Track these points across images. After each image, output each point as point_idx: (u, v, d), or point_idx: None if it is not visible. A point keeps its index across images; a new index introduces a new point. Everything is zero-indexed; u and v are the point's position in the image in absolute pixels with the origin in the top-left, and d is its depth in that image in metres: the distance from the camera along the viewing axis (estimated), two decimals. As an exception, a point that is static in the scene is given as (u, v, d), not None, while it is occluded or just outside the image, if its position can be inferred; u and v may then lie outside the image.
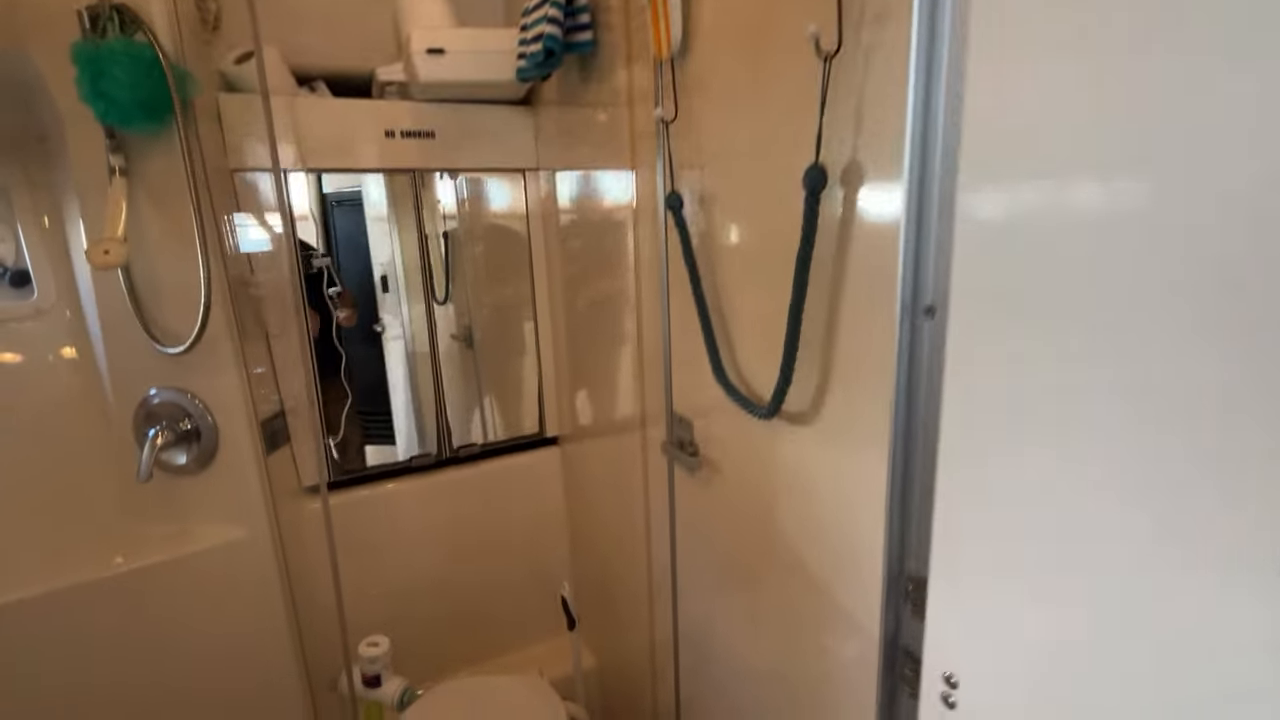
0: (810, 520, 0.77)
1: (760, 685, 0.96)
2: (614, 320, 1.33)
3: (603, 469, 1.54)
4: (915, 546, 0.52)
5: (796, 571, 0.81)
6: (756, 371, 0.85)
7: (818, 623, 0.79)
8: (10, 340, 1.31)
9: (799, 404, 0.76)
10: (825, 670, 0.77)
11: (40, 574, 1.22)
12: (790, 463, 0.80)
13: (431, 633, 1.67)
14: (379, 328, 1.69)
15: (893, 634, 0.54)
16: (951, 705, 0.44)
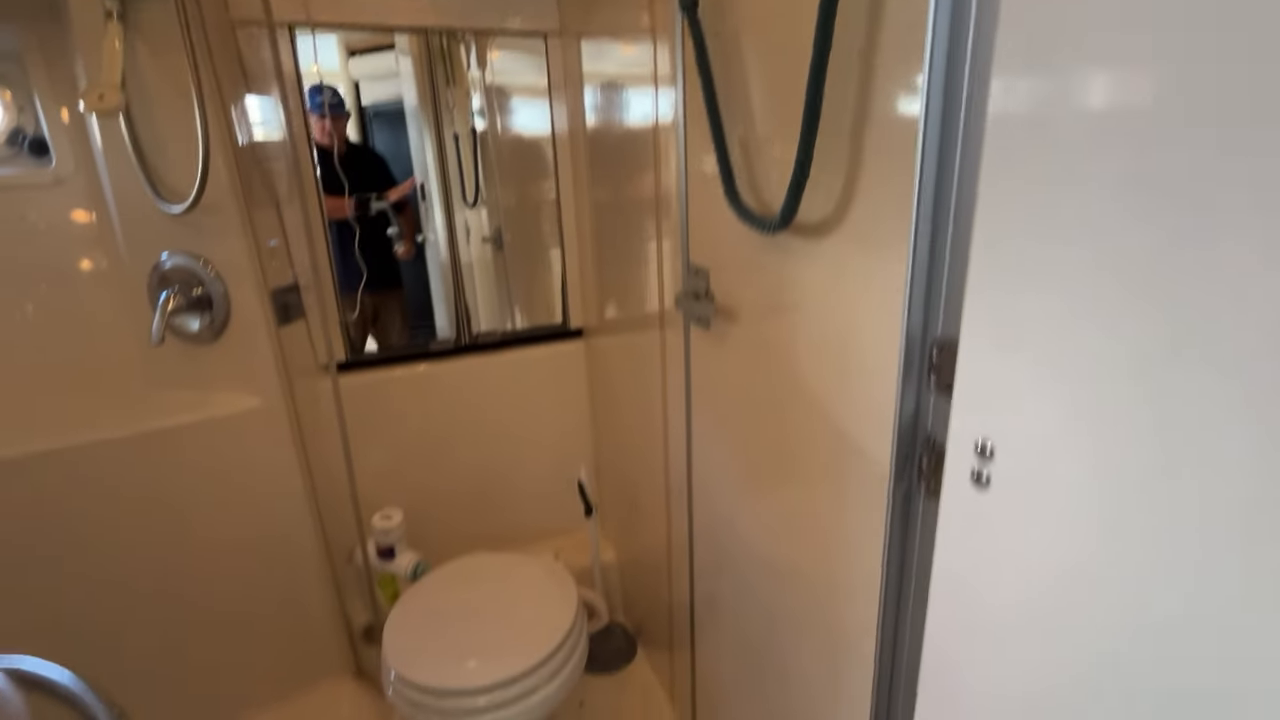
0: (823, 342, 0.68)
1: (773, 544, 0.89)
2: (636, 192, 1.23)
3: (623, 355, 1.47)
4: (944, 308, 0.42)
5: (806, 408, 0.72)
6: (775, 194, 0.75)
7: (827, 455, 0.70)
8: (32, 208, 1.31)
9: (814, 213, 0.66)
10: (835, 492, 0.69)
11: (68, 430, 1.25)
12: (804, 285, 0.70)
13: (449, 517, 1.67)
14: (421, 238, 1.65)
15: (910, 422, 0.45)
16: (984, 482, 0.35)
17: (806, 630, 0.83)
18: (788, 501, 0.83)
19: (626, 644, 1.62)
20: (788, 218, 0.65)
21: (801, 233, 0.69)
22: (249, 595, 1.40)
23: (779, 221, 0.66)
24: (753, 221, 0.72)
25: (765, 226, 0.69)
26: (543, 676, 1.10)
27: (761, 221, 0.71)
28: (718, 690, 1.20)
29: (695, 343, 1.04)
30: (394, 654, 1.12)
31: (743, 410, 0.91)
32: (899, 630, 0.56)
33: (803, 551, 0.81)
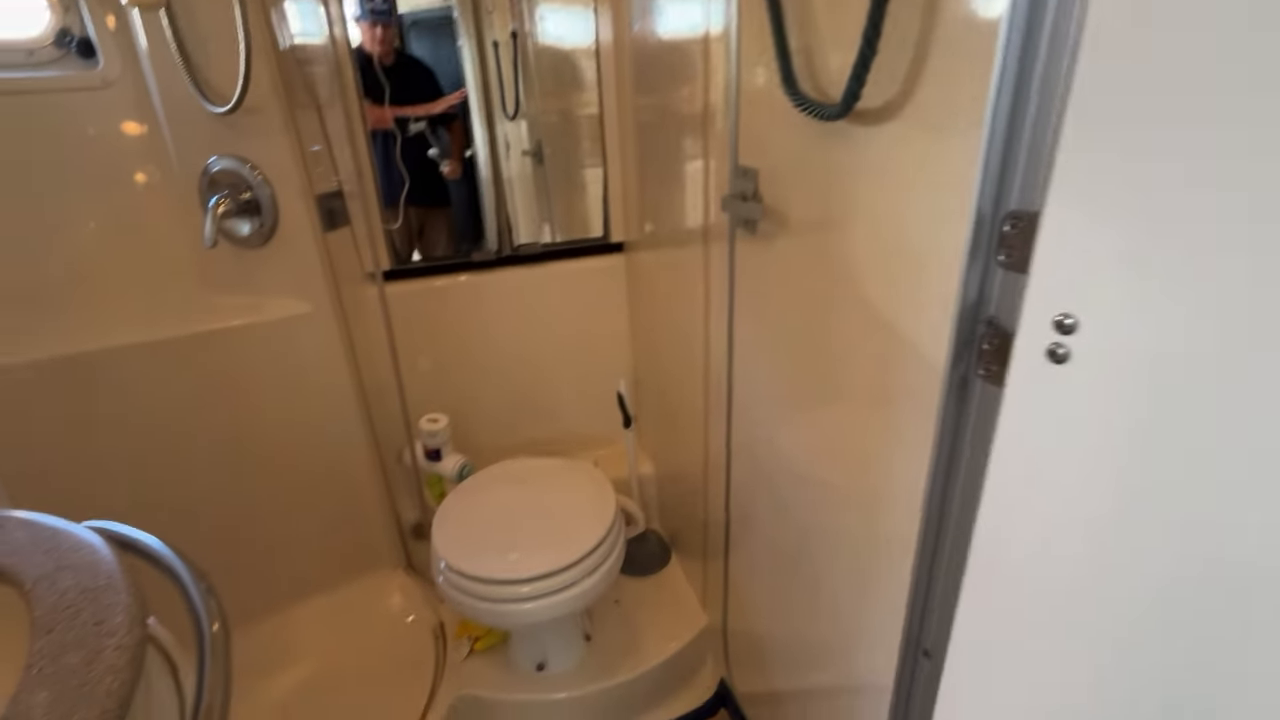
0: (877, 234, 0.65)
1: (812, 457, 0.89)
2: (682, 100, 1.18)
3: (665, 268, 1.45)
4: (1021, 179, 0.39)
5: (856, 307, 0.70)
6: (834, 82, 0.70)
7: (876, 354, 0.69)
8: (84, 111, 1.32)
9: (876, 97, 0.61)
10: (882, 394, 0.68)
11: (131, 329, 1.30)
12: (860, 176, 0.66)
13: (492, 423, 1.72)
14: (469, 152, 1.63)
15: (972, 305, 0.43)
16: (1060, 358, 0.33)
17: (840, 543, 0.84)
18: (830, 411, 0.82)
19: (661, 550, 1.68)
20: (851, 100, 0.61)
21: (861, 119, 0.65)
22: (307, 488, 1.48)
23: (841, 105, 0.62)
24: (810, 108, 0.68)
25: (825, 113, 0.65)
26: (582, 571, 1.15)
27: (820, 107, 0.67)
28: (749, 598, 1.24)
29: (740, 250, 1.01)
30: (443, 545, 1.18)
31: (787, 317, 0.89)
32: (941, 534, 0.56)
33: (842, 463, 0.81)
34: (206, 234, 1.24)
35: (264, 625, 1.49)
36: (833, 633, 0.91)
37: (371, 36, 1.45)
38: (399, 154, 1.53)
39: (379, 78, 1.45)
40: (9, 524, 0.60)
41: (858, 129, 0.66)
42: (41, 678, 0.44)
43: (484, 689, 1.32)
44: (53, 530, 0.59)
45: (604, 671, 1.36)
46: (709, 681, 1.47)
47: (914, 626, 0.59)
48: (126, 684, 0.44)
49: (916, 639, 0.58)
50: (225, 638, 0.68)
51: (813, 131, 0.74)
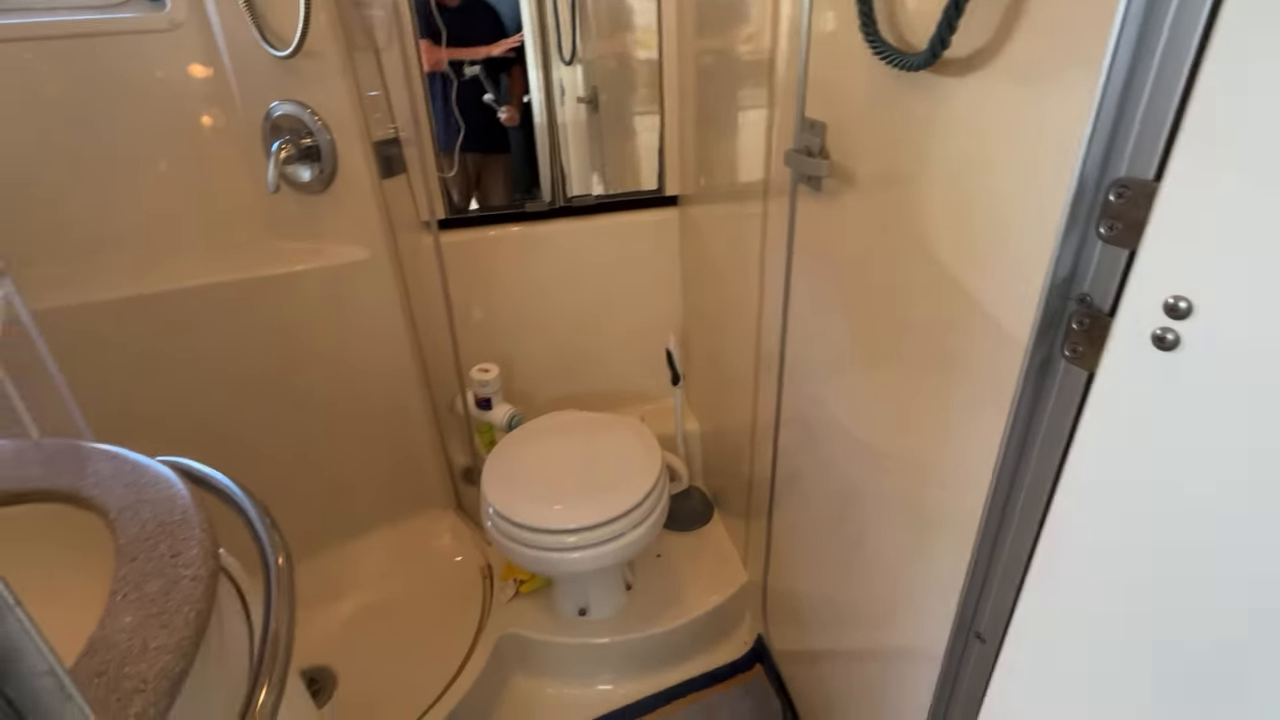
0: (959, 197, 0.61)
1: (867, 422, 0.87)
2: (747, 45, 1.12)
3: (720, 223, 1.41)
4: (1134, 143, 0.35)
5: (930, 273, 0.67)
6: (917, 28, 0.65)
7: (948, 323, 0.65)
8: (153, 55, 1.34)
9: (965, 44, 0.56)
10: (952, 364, 0.65)
11: (200, 270, 1.35)
12: (942, 132, 0.62)
13: (540, 375, 1.74)
14: (527, 98, 1.59)
15: (1063, 280, 0.40)
16: (1169, 345, 0.30)
17: (892, 509, 0.82)
18: (891, 376, 0.79)
19: (704, 507, 1.69)
20: (938, 48, 0.56)
21: (946, 69, 0.60)
22: (364, 430, 1.54)
23: (926, 54, 0.57)
24: (891, 56, 0.63)
25: (907, 62, 0.60)
26: (627, 524, 1.17)
27: (902, 56, 0.62)
28: (791, 558, 1.24)
29: (801, 207, 0.97)
30: (493, 492, 1.21)
31: (850, 280, 0.86)
32: (1006, 517, 0.53)
33: (900, 430, 0.79)
34: (270, 179, 1.26)
35: (323, 558, 1.58)
36: (877, 598, 0.90)
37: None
38: (455, 99, 1.51)
39: (436, 18, 1.42)
40: (96, 456, 0.63)
41: (942, 80, 0.61)
42: (126, 603, 0.47)
43: (528, 629, 1.38)
44: (133, 464, 0.62)
45: (644, 620, 1.40)
46: (746, 636, 1.49)
47: (968, 608, 0.57)
48: (202, 614, 0.47)
49: (970, 620, 0.57)
50: (289, 570, 0.71)
51: (890, 82, 0.69)
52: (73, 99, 1.27)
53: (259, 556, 0.67)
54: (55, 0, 1.29)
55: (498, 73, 1.56)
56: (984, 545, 0.54)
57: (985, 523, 0.54)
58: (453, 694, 1.27)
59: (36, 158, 1.28)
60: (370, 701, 1.31)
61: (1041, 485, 0.46)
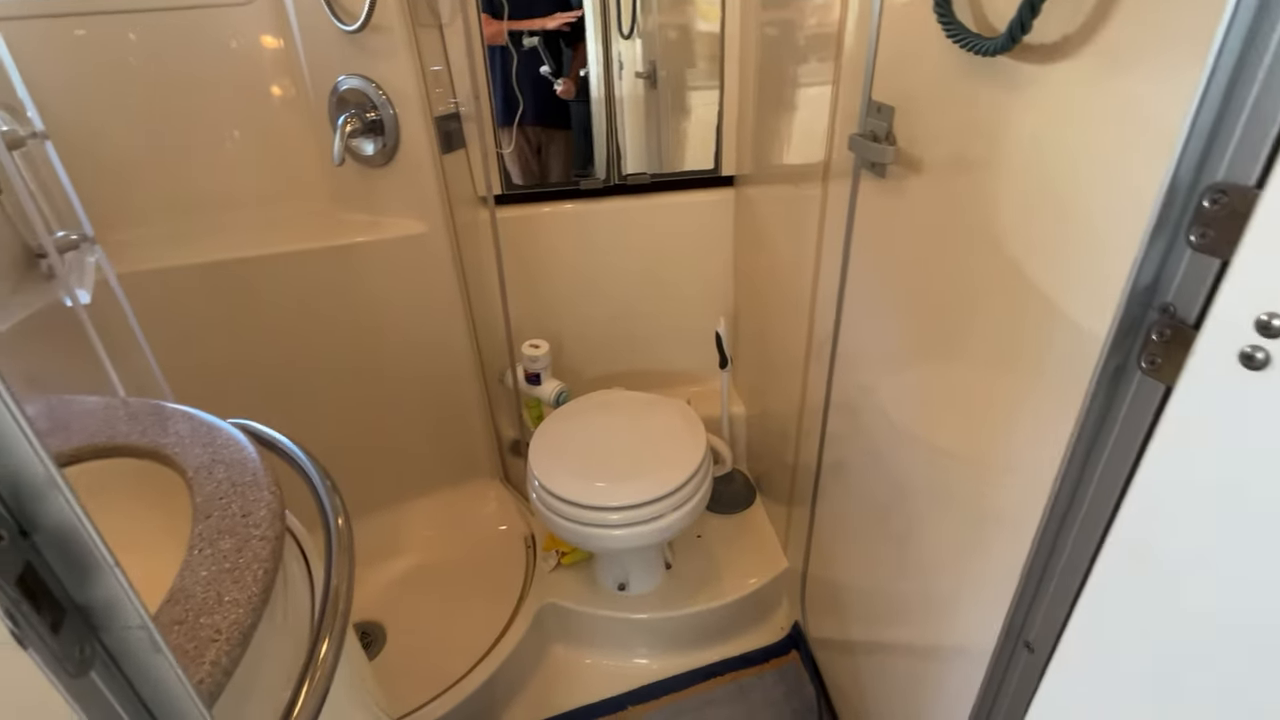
0: (1036, 191, 0.58)
1: (922, 417, 0.85)
2: (813, 20, 1.08)
3: (777, 206, 1.38)
4: (1236, 145, 0.33)
5: (1000, 269, 0.64)
6: (998, 8, 0.61)
7: (1015, 322, 0.63)
8: (226, 27, 1.38)
9: (1051, 29, 0.53)
10: (1017, 364, 0.63)
11: (270, 238, 1.41)
12: (1021, 122, 0.59)
13: (589, 352, 1.75)
14: (584, 72, 1.59)
15: (1145, 287, 0.37)
16: (1258, 364, 0.29)
17: (942, 505, 0.81)
18: (949, 370, 0.77)
19: (747, 491, 1.69)
20: (1018, 32, 0.53)
21: (1029, 55, 0.57)
22: (418, 399, 1.59)
23: (1004, 38, 0.55)
24: (967, 39, 0.60)
25: (984, 46, 0.58)
26: (669, 505, 1.18)
27: (979, 40, 0.59)
28: (833, 547, 1.23)
29: (863, 192, 0.94)
30: (539, 466, 1.24)
31: (911, 270, 0.83)
32: (1065, 526, 0.51)
33: (956, 426, 0.77)
34: (335, 152, 1.30)
35: (377, 518, 1.65)
36: (921, 595, 0.89)
37: None
38: (514, 73, 1.51)
39: None
40: (176, 416, 0.67)
41: (1022, 66, 0.58)
42: (201, 558, 0.50)
43: (568, 600, 1.41)
44: (209, 426, 0.66)
45: (682, 599, 1.42)
46: (783, 622, 1.50)
47: (1018, 615, 0.56)
48: (269, 572, 0.50)
49: (1020, 628, 0.56)
50: (348, 531, 0.75)
51: (965, 66, 0.66)
52: (152, 71, 1.33)
53: (320, 517, 0.71)
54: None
55: (557, 46, 1.55)
56: (1039, 553, 0.53)
57: (1043, 530, 0.52)
58: (494, 657, 1.32)
59: (120, 127, 1.35)
60: (416, 658, 1.37)
61: (1106, 498, 0.44)
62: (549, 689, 1.38)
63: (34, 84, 1.26)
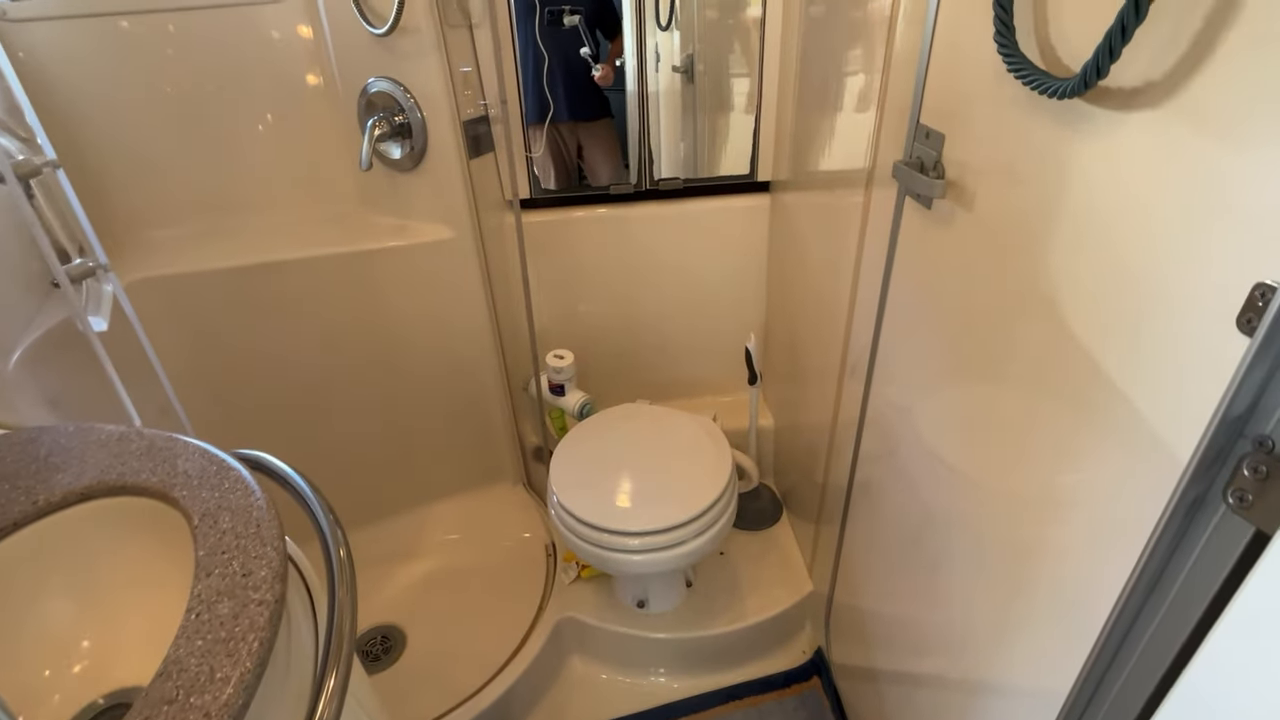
0: (1106, 256, 0.52)
1: (960, 487, 0.80)
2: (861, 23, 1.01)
3: (815, 216, 1.32)
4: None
5: (1056, 331, 0.59)
6: (1074, 40, 0.55)
7: (1073, 393, 0.58)
8: (257, 28, 1.36)
9: (1133, 72, 0.47)
10: (1072, 436, 0.58)
11: (299, 239, 1.40)
12: (1093, 172, 0.53)
13: (613, 359, 1.72)
14: (620, 63, 1.54)
15: (1241, 413, 0.32)
16: None
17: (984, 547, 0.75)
18: (999, 419, 0.71)
19: (772, 507, 1.65)
20: (1094, 76, 0.47)
21: (1102, 97, 0.51)
22: (442, 403, 1.58)
23: (1079, 81, 0.49)
24: (1033, 76, 0.54)
25: (1053, 88, 0.52)
26: (691, 531, 1.14)
27: (1047, 79, 0.53)
28: (862, 572, 1.18)
29: (908, 217, 0.88)
30: (560, 484, 1.22)
31: (956, 307, 0.78)
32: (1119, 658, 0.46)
33: (1003, 469, 0.71)
34: (363, 156, 1.28)
35: (400, 519, 1.65)
36: (953, 627, 0.85)
37: None
38: (546, 71, 1.45)
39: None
40: (186, 453, 0.66)
41: (1096, 110, 0.52)
42: (198, 624, 0.49)
43: (587, 615, 1.40)
44: (219, 465, 0.64)
45: (702, 620, 1.39)
46: (805, 646, 1.46)
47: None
48: (266, 643, 0.48)
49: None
50: (350, 566, 0.74)
51: (1027, 97, 0.60)
52: (183, 70, 1.32)
53: (323, 555, 0.69)
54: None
55: (597, 28, 1.50)
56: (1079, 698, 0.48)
57: (1095, 656, 0.47)
58: (513, 668, 1.31)
59: (152, 127, 1.35)
60: (435, 665, 1.38)
61: (1167, 641, 0.39)
62: (565, 704, 1.38)
63: (67, 83, 1.27)
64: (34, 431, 0.70)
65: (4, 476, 0.64)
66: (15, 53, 1.23)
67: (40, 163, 0.67)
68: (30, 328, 0.85)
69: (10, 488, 0.63)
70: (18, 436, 0.69)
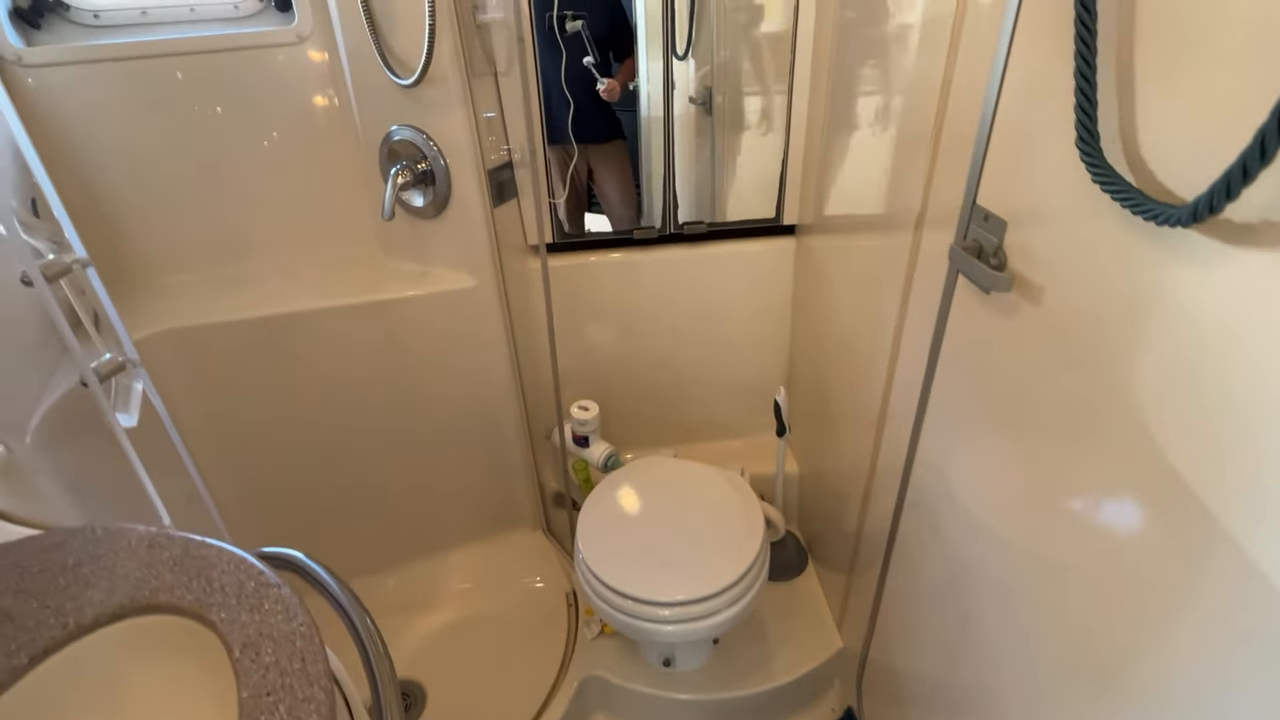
0: (1205, 396, 0.49)
1: (1020, 564, 0.77)
2: (905, 69, 0.98)
3: (848, 270, 1.29)
4: None
5: (1145, 453, 0.56)
6: (1177, 147, 0.52)
7: (1159, 514, 0.55)
8: (281, 66, 1.34)
9: (1257, 206, 0.44)
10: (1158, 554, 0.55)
11: (322, 287, 1.37)
12: (1202, 303, 0.50)
13: (635, 403, 1.69)
14: (632, 86, 1.51)
15: None
16: None
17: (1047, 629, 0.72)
18: (1067, 503, 0.68)
19: (798, 557, 1.62)
20: (1206, 211, 0.44)
21: (1213, 228, 0.48)
22: (463, 449, 1.55)
23: (1188, 213, 0.46)
24: (1129, 196, 0.51)
25: (1157, 214, 0.49)
26: (723, 602, 1.11)
27: (1146, 202, 0.50)
28: (900, 628, 1.14)
29: (961, 296, 0.85)
30: (588, 548, 1.18)
31: (1020, 392, 0.74)
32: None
33: (1072, 552, 0.69)
34: (386, 205, 1.25)
35: (415, 567, 1.62)
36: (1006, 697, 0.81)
37: None
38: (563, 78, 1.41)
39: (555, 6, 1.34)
40: (221, 564, 0.63)
41: (1201, 238, 0.49)
42: (246, 791, 0.46)
43: (611, 673, 1.36)
44: (256, 578, 0.61)
45: (729, 680, 1.35)
46: (835, 704, 1.43)
47: None
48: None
49: None
50: (390, 668, 0.71)
51: (1119, 211, 0.56)
52: (201, 115, 1.30)
53: (366, 673, 0.66)
54: (197, 14, 1.31)
55: (610, 51, 1.47)
56: None
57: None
58: (536, 729, 1.28)
59: (172, 171, 1.32)
60: (456, 724, 1.35)
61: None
62: (590, 765, 1.34)
63: (83, 129, 1.24)
64: (61, 535, 0.67)
65: (33, 592, 0.61)
66: (33, 103, 1.20)
67: (70, 261, 0.64)
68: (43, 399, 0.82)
69: (39, 606, 0.60)
70: (46, 540, 0.66)
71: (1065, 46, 0.56)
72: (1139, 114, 0.55)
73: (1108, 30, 0.55)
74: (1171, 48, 0.51)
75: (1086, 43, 0.54)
